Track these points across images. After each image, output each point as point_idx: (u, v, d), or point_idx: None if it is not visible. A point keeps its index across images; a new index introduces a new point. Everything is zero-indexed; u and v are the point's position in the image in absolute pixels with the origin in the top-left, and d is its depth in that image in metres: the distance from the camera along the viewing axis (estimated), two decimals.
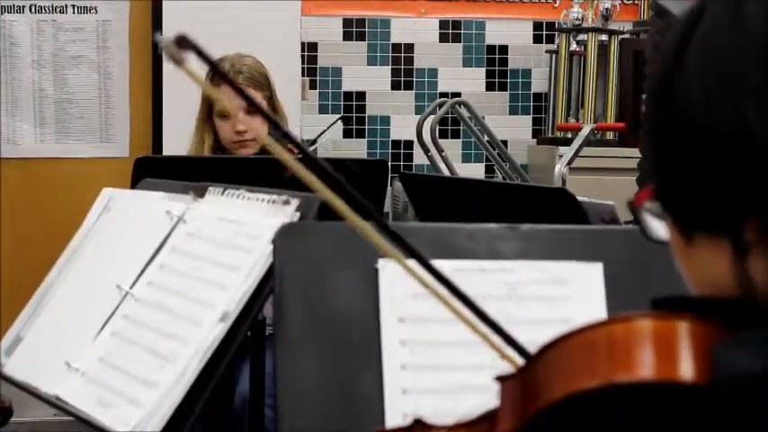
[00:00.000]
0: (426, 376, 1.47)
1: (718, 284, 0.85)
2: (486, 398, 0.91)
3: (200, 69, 1.07)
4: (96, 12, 5.04)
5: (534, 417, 0.83)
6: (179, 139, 3.73)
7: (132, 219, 2.09)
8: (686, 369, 0.79)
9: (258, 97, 3.36)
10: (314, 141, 4.80)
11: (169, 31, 4.47)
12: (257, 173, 2.66)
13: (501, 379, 0.89)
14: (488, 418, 0.89)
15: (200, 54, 1.02)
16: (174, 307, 1.81)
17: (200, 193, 1.98)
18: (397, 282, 1.49)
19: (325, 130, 4.91)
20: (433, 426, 0.94)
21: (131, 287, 1.92)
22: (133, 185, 2.34)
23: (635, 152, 3.65)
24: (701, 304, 0.85)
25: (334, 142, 5.16)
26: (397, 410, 1.44)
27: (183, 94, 4.29)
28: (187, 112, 3.59)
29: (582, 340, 0.83)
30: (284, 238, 1.53)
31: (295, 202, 1.80)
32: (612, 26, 5.12)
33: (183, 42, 1.01)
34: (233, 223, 1.86)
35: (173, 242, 1.93)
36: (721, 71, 0.83)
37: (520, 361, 0.97)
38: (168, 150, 4.84)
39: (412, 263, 1.08)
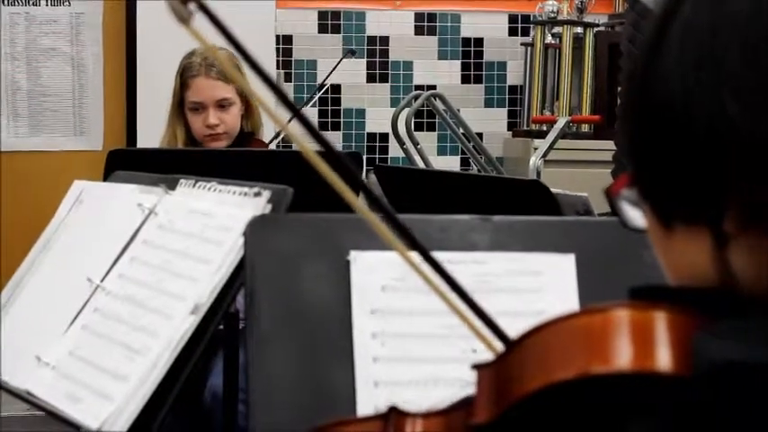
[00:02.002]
0: (398, 369, 1.46)
1: (696, 274, 0.83)
2: (458, 390, 0.91)
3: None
4: (69, 4, 5.02)
5: (511, 407, 0.82)
6: (153, 133, 3.71)
7: (104, 211, 2.07)
8: (664, 359, 0.78)
9: (230, 91, 3.36)
10: (322, 85, 4.83)
11: (143, 24, 4.42)
12: (229, 165, 2.66)
13: (477, 367, 0.88)
14: (464, 406, 0.89)
15: (207, 12, 1.01)
16: (144, 300, 1.80)
17: (172, 186, 1.97)
18: (368, 274, 1.49)
19: (333, 69, 4.88)
20: (408, 413, 0.93)
21: (102, 280, 1.90)
22: (106, 178, 2.32)
23: (610, 145, 3.65)
24: (679, 294, 0.84)
25: (306, 135, 5.15)
26: (369, 403, 1.43)
27: (157, 88, 4.28)
28: (161, 106, 3.57)
29: (559, 330, 0.82)
30: (255, 231, 1.52)
31: (266, 195, 1.79)
32: (587, 19, 5.12)
33: None
34: (204, 215, 1.85)
35: (144, 235, 1.92)
36: (700, 55, 0.80)
37: None
38: (142, 143, 4.82)
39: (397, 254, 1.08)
